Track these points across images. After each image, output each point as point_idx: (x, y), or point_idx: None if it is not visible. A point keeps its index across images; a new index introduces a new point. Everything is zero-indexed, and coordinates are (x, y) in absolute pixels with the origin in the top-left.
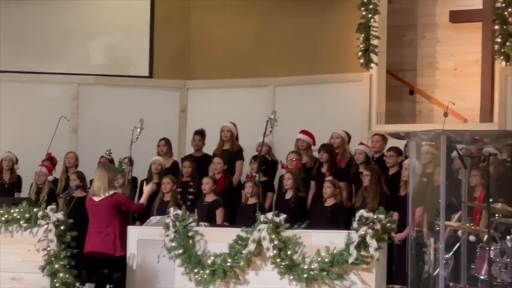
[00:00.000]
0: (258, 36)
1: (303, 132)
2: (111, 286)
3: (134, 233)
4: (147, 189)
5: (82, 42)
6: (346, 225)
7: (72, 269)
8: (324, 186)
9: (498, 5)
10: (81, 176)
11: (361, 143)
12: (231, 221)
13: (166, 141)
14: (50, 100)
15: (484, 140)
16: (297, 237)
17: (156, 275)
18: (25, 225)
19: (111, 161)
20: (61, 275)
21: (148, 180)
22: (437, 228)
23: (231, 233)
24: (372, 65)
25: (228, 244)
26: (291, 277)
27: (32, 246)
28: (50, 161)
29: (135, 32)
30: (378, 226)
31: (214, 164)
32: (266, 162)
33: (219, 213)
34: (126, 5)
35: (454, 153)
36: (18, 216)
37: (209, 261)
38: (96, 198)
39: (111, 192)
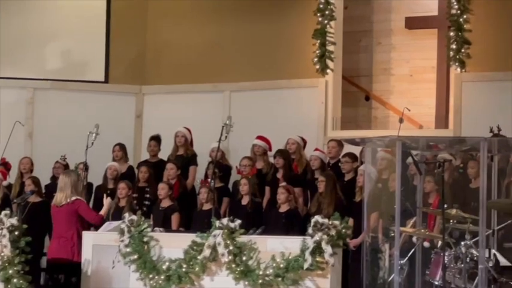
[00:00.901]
0: (214, 42)
1: (259, 137)
2: None
3: (89, 238)
4: (108, 203)
5: (38, 47)
6: (301, 231)
7: (27, 274)
8: (278, 192)
9: (453, 11)
10: (36, 181)
11: (316, 149)
12: (186, 226)
13: (121, 147)
14: (5, 105)
15: (439, 146)
16: (252, 243)
17: (110, 280)
18: None
19: (66, 166)
20: (15, 280)
21: (103, 186)
22: (392, 234)
23: (186, 239)
24: (328, 70)
25: (183, 250)
26: (246, 283)
27: None
28: (4, 166)
29: (91, 37)
30: (333, 232)
31: (168, 169)
32: (221, 168)
33: (175, 219)
34: (82, 9)
35: (409, 159)
36: None
37: (164, 267)
38: (58, 205)
39: (73, 198)
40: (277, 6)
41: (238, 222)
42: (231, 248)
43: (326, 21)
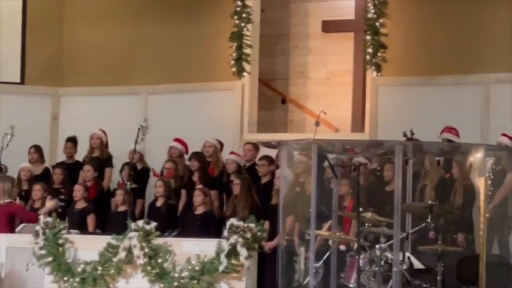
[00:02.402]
0: (131, 44)
1: (177, 140)
2: None
3: (3, 240)
4: (51, 205)
5: None
6: (217, 234)
7: None
8: (194, 194)
9: (370, 15)
10: None
11: (232, 152)
12: (101, 228)
13: (37, 148)
14: None
15: (354, 150)
16: (168, 245)
17: (24, 283)
18: None
19: None
20: None
21: (18, 188)
22: (308, 237)
23: (102, 241)
24: (244, 73)
25: (98, 252)
26: (162, 285)
27: None
28: None
29: (6, 38)
30: (248, 235)
31: (85, 171)
32: (137, 170)
33: (90, 220)
34: None
35: (326, 163)
36: None
37: (79, 269)
38: None
39: (7, 201)
40: (194, 9)
41: (153, 224)
42: (146, 250)
43: (243, 24)
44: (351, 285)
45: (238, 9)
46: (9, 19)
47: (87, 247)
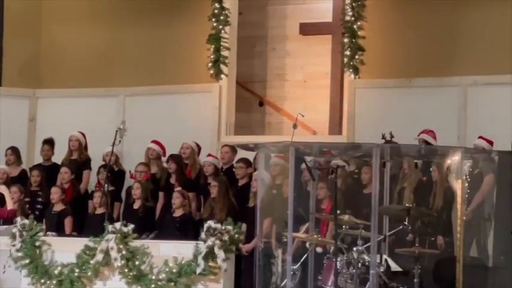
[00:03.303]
0: (108, 46)
1: (154, 142)
2: None
3: None
4: (4, 191)
5: None
6: (195, 236)
7: None
8: (173, 196)
9: (347, 18)
10: None
11: (209, 155)
12: (78, 230)
13: (14, 150)
14: None
15: (332, 152)
16: (145, 248)
17: (1, 285)
18: None
19: None
20: None
21: None
22: (285, 240)
23: (79, 243)
24: (222, 76)
25: (75, 254)
26: (139, 287)
27: None
28: None
29: None
30: (225, 237)
31: (62, 173)
32: (113, 172)
33: (68, 223)
34: None
35: (303, 165)
36: None
37: (56, 272)
38: None
39: None
40: (171, 11)
41: (131, 226)
42: (123, 252)
43: (221, 27)
44: None
45: (216, 11)
46: None
47: (64, 249)
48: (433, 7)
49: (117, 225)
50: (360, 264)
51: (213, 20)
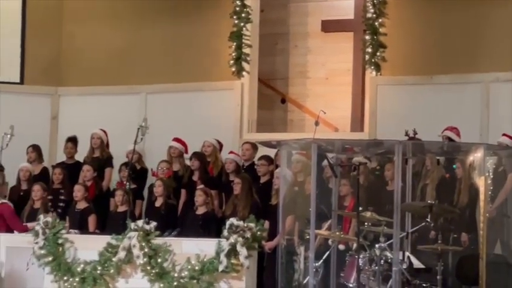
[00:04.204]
0: (130, 44)
1: (176, 139)
2: None
3: (2, 240)
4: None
5: None
6: (218, 234)
7: None
8: (196, 194)
9: (369, 15)
10: None
11: (231, 152)
12: (100, 228)
13: (35, 148)
14: None
15: (354, 149)
16: (168, 245)
17: (25, 282)
18: None
19: None
20: None
21: (17, 188)
22: (307, 237)
23: (101, 241)
24: (244, 73)
25: (98, 251)
26: (161, 285)
27: None
28: None
29: (6, 38)
30: (248, 234)
31: (84, 171)
32: (135, 170)
33: (91, 220)
34: None
35: (325, 162)
36: None
37: (79, 269)
38: None
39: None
40: (193, 8)
41: (153, 224)
42: (146, 250)
43: (242, 24)
44: (351, 285)
45: (237, 8)
46: (9, 19)
47: (86, 247)
48: (455, 3)
49: (140, 222)
50: (382, 261)
51: (235, 17)
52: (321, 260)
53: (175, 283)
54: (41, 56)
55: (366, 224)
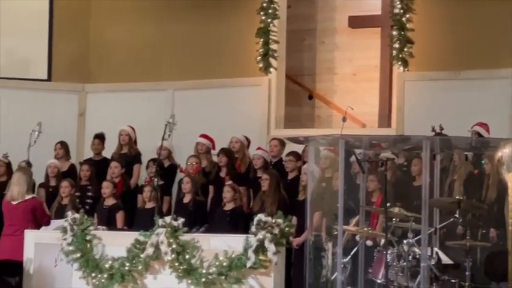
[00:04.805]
0: (157, 40)
1: (203, 136)
2: None
3: (31, 237)
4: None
5: None
6: (246, 230)
7: None
8: (224, 190)
9: (396, 11)
10: None
11: (259, 148)
12: (128, 224)
13: (63, 144)
14: None
15: (381, 145)
16: (195, 242)
17: (53, 279)
18: None
19: (9, 164)
20: None
21: (45, 184)
22: (335, 233)
23: (129, 237)
24: (271, 69)
25: (126, 248)
26: (189, 281)
27: None
28: None
29: (34, 35)
30: (276, 230)
31: (112, 168)
32: (163, 166)
33: (120, 217)
34: (24, 7)
35: (353, 158)
36: None
37: (107, 265)
38: (14, 202)
39: (30, 196)
40: (220, 5)
41: (181, 220)
42: (174, 246)
43: (269, 20)
44: (379, 281)
45: (264, 5)
46: (37, 16)
47: (115, 243)
48: None
49: (167, 219)
50: (410, 257)
51: (262, 13)
52: (349, 256)
53: (203, 279)
54: (68, 53)
55: (393, 219)
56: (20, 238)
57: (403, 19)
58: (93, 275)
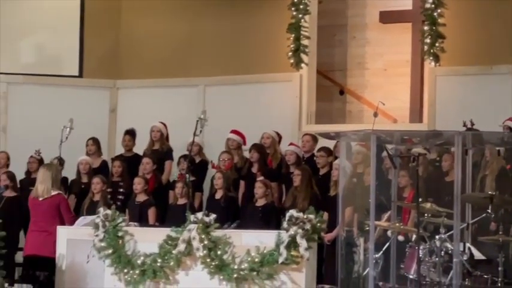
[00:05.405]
0: (188, 36)
1: (234, 131)
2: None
3: (63, 233)
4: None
5: (12, 41)
6: (278, 225)
7: (1, 269)
8: (256, 186)
9: (427, 5)
10: (11, 176)
11: (291, 143)
12: (160, 220)
13: (95, 141)
14: None
15: (413, 140)
16: (227, 237)
17: (85, 275)
18: None
19: (41, 160)
20: None
21: (77, 180)
22: (367, 228)
23: (161, 233)
24: (302, 65)
25: (158, 244)
26: (221, 277)
27: None
28: None
29: (65, 31)
30: (308, 226)
31: (144, 164)
32: (194, 162)
33: (151, 213)
34: (56, 4)
35: (384, 153)
36: None
37: (139, 261)
38: (39, 198)
39: (55, 192)
40: (251, 0)
41: (213, 216)
42: (205, 242)
43: (300, 16)
44: (411, 276)
45: (295, 0)
46: (68, 13)
47: (146, 239)
48: None
49: (199, 215)
50: (442, 252)
51: (293, 9)
52: (381, 252)
53: (235, 275)
54: (99, 50)
55: (425, 215)
56: (45, 234)
57: (435, 14)
58: (125, 271)
